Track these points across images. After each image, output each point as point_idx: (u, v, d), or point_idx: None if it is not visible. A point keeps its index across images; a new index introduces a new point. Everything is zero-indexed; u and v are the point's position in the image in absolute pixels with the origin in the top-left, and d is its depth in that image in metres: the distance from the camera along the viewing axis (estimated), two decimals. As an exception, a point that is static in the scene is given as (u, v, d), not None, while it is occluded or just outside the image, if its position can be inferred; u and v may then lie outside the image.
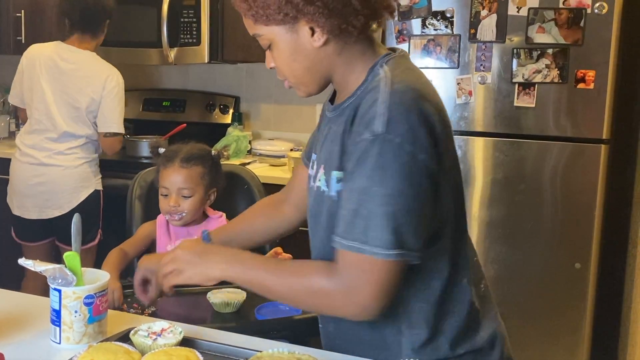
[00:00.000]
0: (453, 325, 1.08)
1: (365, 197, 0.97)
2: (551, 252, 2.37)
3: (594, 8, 2.22)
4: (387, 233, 0.96)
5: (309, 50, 1.06)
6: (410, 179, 0.96)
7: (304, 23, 1.04)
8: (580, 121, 2.29)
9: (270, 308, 1.52)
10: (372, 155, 0.97)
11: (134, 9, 3.03)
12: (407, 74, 1.05)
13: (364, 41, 1.09)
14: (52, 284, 1.13)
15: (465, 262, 1.08)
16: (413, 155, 0.96)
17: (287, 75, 1.11)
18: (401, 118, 0.97)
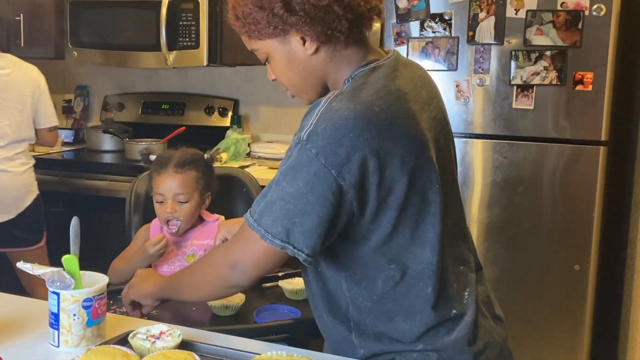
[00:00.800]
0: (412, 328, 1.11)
1: (275, 187, 1.07)
2: (550, 254, 2.37)
3: (592, 10, 2.22)
4: (279, 225, 1.05)
5: (302, 59, 1.13)
6: (315, 188, 1.03)
7: (294, 34, 1.10)
8: (579, 123, 2.29)
9: (269, 311, 1.52)
10: (291, 156, 1.06)
11: (132, 12, 3.03)
12: (360, 89, 1.06)
13: (353, 47, 1.13)
14: (50, 287, 1.13)
15: (430, 273, 1.10)
16: (324, 168, 1.02)
17: (286, 85, 1.19)
18: (324, 133, 1.03)
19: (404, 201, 1.07)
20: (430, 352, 1.11)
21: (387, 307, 1.12)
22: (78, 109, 3.57)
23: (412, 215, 1.08)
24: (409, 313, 1.11)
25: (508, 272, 2.42)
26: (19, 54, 3.20)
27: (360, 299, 1.13)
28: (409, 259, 1.10)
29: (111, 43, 3.08)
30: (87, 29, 3.12)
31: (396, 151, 1.05)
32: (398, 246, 1.09)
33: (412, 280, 1.10)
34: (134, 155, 3.06)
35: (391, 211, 1.07)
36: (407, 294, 1.11)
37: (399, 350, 1.12)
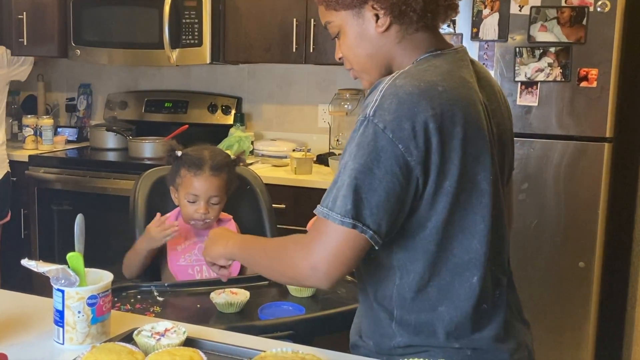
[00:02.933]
0: (452, 318, 1.11)
1: (343, 170, 1.05)
2: (555, 251, 2.36)
3: (596, 6, 2.22)
4: (349, 202, 1.03)
5: (373, 36, 1.14)
6: (382, 162, 1.02)
7: (370, 8, 1.12)
8: (584, 119, 2.29)
9: (274, 308, 1.52)
10: (357, 134, 1.05)
11: (135, 10, 3.03)
12: (425, 71, 1.09)
13: (423, 33, 1.14)
14: (55, 284, 1.13)
15: (478, 263, 1.10)
16: (391, 142, 1.02)
17: (352, 63, 1.18)
18: (390, 108, 1.03)
19: (458, 186, 1.06)
20: (466, 350, 1.12)
21: (432, 295, 1.11)
22: (81, 107, 3.58)
23: (464, 202, 1.08)
24: (453, 302, 1.11)
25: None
26: (22, 52, 3.21)
27: (407, 288, 1.12)
28: (457, 248, 1.10)
29: (114, 41, 3.08)
30: (90, 27, 3.12)
31: (456, 133, 1.05)
32: (449, 234, 1.09)
33: (459, 269, 1.10)
34: (137, 153, 3.06)
35: (446, 196, 1.06)
36: (452, 282, 1.11)
37: (435, 345, 1.12)
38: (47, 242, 3.09)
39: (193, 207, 1.76)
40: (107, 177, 2.93)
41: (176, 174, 1.81)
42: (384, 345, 1.15)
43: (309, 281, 1.10)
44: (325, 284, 1.08)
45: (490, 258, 1.14)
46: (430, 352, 1.12)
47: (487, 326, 1.13)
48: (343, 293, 1.65)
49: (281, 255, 1.14)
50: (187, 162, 1.79)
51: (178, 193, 1.81)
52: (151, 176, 1.99)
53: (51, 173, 3.03)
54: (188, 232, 1.81)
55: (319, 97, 3.17)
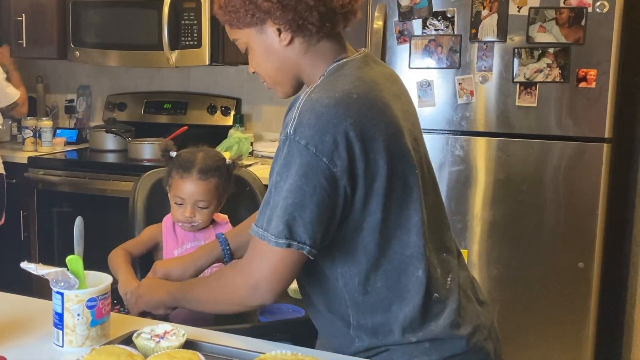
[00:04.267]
0: (406, 314, 1.13)
1: (274, 190, 1.09)
2: (554, 252, 2.36)
3: (595, 7, 2.22)
4: (281, 223, 1.06)
5: (278, 50, 1.17)
6: (309, 178, 1.05)
7: (270, 24, 1.15)
8: (582, 120, 2.29)
9: (273, 310, 1.52)
10: (283, 154, 1.08)
11: (134, 11, 3.03)
12: (338, 80, 1.12)
13: (327, 42, 1.18)
14: (54, 287, 1.13)
15: (419, 255, 1.13)
16: (315, 157, 1.05)
17: (263, 77, 1.23)
18: (309, 123, 1.06)
19: (388, 186, 1.10)
20: (424, 343, 1.14)
21: (383, 296, 1.14)
22: (80, 109, 3.58)
23: (396, 200, 1.12)
24: (404, 298, 1.13)
25: (512, 270, 2.41)
26: (21, 54, 3.21)
27: (356, 293, 1.14)
28: (397, 245, 1.13)
29: (113, 43, 3.08)
30: (89, 28, 3.12)
31: (377, 136, 1.09)
32: (387, 233, 1.12)
33: (403, 265, 1.13)
34: (136, 155, 3.06)
35: (378, 197, 1.10)
36: (399, 279, 1.13)
37: (393, 343, 1.14)
38: (46, 244, 3.09)
39: (180, 210, 1.74)
40: (106, 179, 2.93)
41: (169, 175, 1.79)
42: (344, 352, 1.17)
43: (252, 300, 1.15)
44: (268, 300, 1.14)
45: (435, 248, 1.17)
46: (390, 350, 1.14)
47: (441, 315, 1.15)
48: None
49: (222, 284, 1.20)
50: (177, 164, 1.76)
51: (169, 194, 1.79)
52: (151, 178, 1.99)
53: (50, 175, 3.03)
54: (184, 236, 1.80)
55: (318, 98, 3.17)
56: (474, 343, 1.16)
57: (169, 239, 1.79)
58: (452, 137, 2.41)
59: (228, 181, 1.81)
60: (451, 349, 1.14)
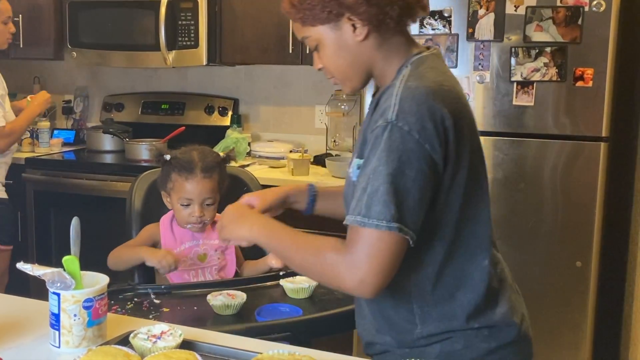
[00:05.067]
0: (470, 301, 1.16)
1: (372, 176, 1.07)
2: (552, 251, 2.36)
3: (591, 6, 2.22)
4: (389, 207, 1.05)
5: (352, 45, 1.17)
6: (413, 163, 1.06)
7: (346, 20, 1.15)
8: (580, 119, 2.29)
9: (271, 310, 1.52)
10: (383, 139, 1.08)
11: (131, 12, 3.03)
12: (427, 73, 1.14)
13: (400, 37, 1.19)
14: (50, 287, 1.13)
15: (486, 246, 1.18)
16: (418, 143, 1.06)
17: (333, 73, 1.22)
18: (411, 110, 1.07)
19: (468, 177, 1.13)
20: (483, 329, 1.17)
21: (449, 283, 1.16)
22: (78, 110, 3.57)
23: (471, 192, 1.15)
24: (469, 287, 1.16)
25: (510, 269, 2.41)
26: (18, 55, 3.20)
27: (426, 281, 1.16)
28: (468, 235, 1.16)
29: (110, 43, 3.08)
30: (86, 29, 3.12)
31: (465, 128, 1.12)
32: (461, 224, 1.15)
33: (470, 254, 1.16)
34: (134, 156, 3.06)
35: (459, 188, 1.13)
36: (467, 268, 1.16)
37: (456, 329, 1.17)
38: (43, 245, 3.08)
39: (187, 211, 1.75)
40: (103, 180, 2.93)
41: (167, 179, 1.79)
42: (404, 339, 1.19)
43: (354, 292, 1.12)
44: (371, 295, 1.09)
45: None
46: (452, 338, 1.17)
47: (497, 303, 1.19)
48: (340, 294, 1.65)
49: (322, 262, 1.13)
50: (177, 166, 1.77)
51: (170, 197, 1.79)
52: (148, 178, 1.99)
53: (48, 176, 3.03)
54: (182, 235, 1.80)
55: (315, 98, 3.17)
56: (523, 331, 1.22)
57: (167, 238, 1.79)
58: (450, 136, 2.41)
59: (225, 175, 1.84)
60: (506, 336, 1.19)
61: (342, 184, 1.34)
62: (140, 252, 1.73)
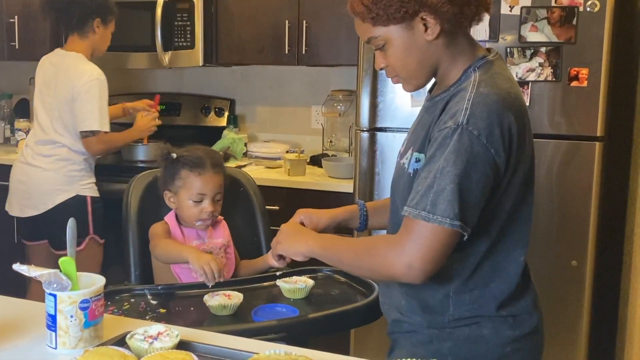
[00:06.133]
0: (503, 291, 1.23)
1: (439, 175, 1.12)
2: (548, 250, 2.37)
3: (586, 6, 2.23)
4: (455, 206, 1.11)
5: (422, 44, 1.20)
6: (479, 167, 1.12)
7: (419, 20, 1.18)
8: (575, 119, 2.30)
9: (267, 310, 1.52)
10: (452, 141, 1.12)
11: (127, 13, 3.03)
12: (496, 79, 1.19)
13: (464, 38, 1.24)
14: (47, 288, 1.13)
15: (524, 243, 1.26)
16: (485, 148, 1.12)
17: (399, 71, 1.25)
18: (482, 115, 1.13)
19: (522, 180, 1.20)
20: (509, 317, 1.24)
21: (486, 272, 1.22)
22: (74, 111, 3.56)
23: (522, 193, 1.22)
24: (503, 278, 1.23)
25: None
26: (13, 56, 3.20)
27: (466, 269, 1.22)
28: (511, 231, 1.23)
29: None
30: (82, 30, 3.11)
31: (526, 135, 1.19)
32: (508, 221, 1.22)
33: (509, 249, 1.23)
34: (130, 156, 3.05)
35: (514, 190, 1.19)
36: (504, 261, 1.23)
37: (485, 315, 1.23)
38: (40, 246, 3.07)
39: (199, 207, 1.76)
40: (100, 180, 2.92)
41: (175, 177, 1.79)
42: (435, 320, 1.25)
43: (404, 278, 1.17)
44: (421, 280, 1.15)
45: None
46: (480, 323, 1.23)
47: (524, 295, 1.26)
48: (336, 294, 1.65)
49: (373, 255, 1.21)
50: (187, 163, 1.78)
51: (177, 196, 1.79)
52: (144, 179, 1.99)
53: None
54: (189, 235, 1.80)
55: (311, 99, 3.18)
56: (541, 323, 1.29)
57: (176, 237, 1.80)
58: (446, 136, 2.41)
59: (226, 172, 1.87)
60: (529, 325, 1.25)
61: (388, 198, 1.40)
62: (184, 252, 1.66)
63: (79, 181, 2.60)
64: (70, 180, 2.58)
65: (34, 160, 2.60)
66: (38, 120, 2.63)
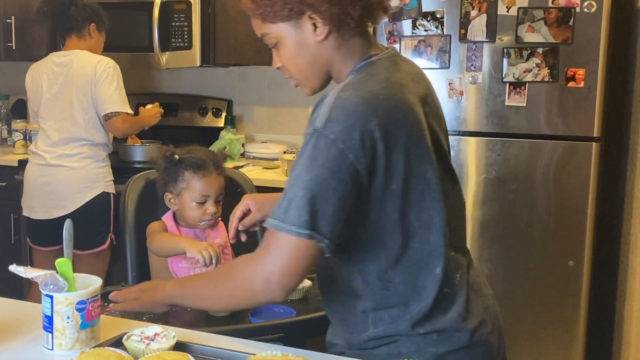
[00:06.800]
0: (420, 308, 1.15)
1: (294, 182, 1.08)
2: (544, 251, 2.38)
3: (582, 7, 2.23)
4: (303, 214, 1.05)
5: (312, 45, 1.16)
6: (335, 172, 1.06)
7: (307, 18, 1.14)
8: (571, 119, 2.30)
9: (265, 311, 1.52)
10: (308, 146, 1.08)
11: (125, 13, 3.03)
12: (365, 80, 1.13)
13: (358, 39, 1.18)
14: (43, 290, 1.13)
15: (439, 254, 1.15)
16: (342, 153, 1.06)
17: (292, 72, 1.21)
18: (339, 119, 1.07)
19: (405, 186, 1.11)
20: (431, 334, 1.16)
21: (401, 291, 1.15)
22: (71, 111, 3.56)
23: (416, 200, 1.13)
24: (420, 295, 1.15)
25: (502, 269, 2.43)
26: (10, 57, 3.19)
27: (375, 288, 1.16)
28: (417, 243, 1.14)
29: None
30: (79, 30, 3.10)
31: (399, 137, 1.10)
32: (407, 232, 1.13)
33: (422, 262, 1.15)
34: (127, 157, 3.05)
35: (395, 197, 1.11)
36: (418, 276, 1.15)
37: (403, 333, 1.16)
38: (37, 247, 3.07)
39: (202, 209, 1.76)
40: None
41: (177, 179, 1.77)
42: (355, 340, 1.19)
43: (263, 296, 1.12)
44: (280, 296, 1.11)
45: (450, 246, 1.18)
46: (399, 341, 1.16)
47: (450, 308, 1.17)
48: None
49: (229, 277, 1.16)
50: (190, 165, 1.77)
51: (179, 198, 1.78)
52: (141, 180, 1.98)
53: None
54: (187, 235, 1.80)
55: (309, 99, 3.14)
56: (477, 337, 1.18)
57: None
58: (443, 137, 2.42)
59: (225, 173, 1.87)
60: (457, 341, 1.17)
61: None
62: (180, 242, 1.68)
63: (104, 178, 2.63)
64: (97, 178, 2.60)
65: (57, 160, 2.58)
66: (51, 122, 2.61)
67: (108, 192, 2.62)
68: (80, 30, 2.63)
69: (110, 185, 2.64)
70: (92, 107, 2.58)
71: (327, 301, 1.26)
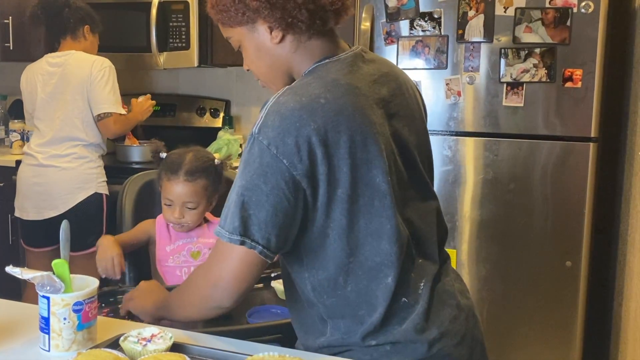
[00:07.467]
0: (371, 320, 1.13)
1: (232, 188, 1.10)
2: (542, 251, 2.38)
3: (580, 7, 2.24)
4: (235, 220, 1.07)
5: (269, 48, 1.17)
6: (268, 178, 1.05)
7: (261, 22, 1.15)
8: (569, 120, 2.30)
9: (262, 311, 1.52)
10: (245, 152, 1.09)
11: (122, 14, 3.03)
12: (308, 84, 1.11)
13: (317, 40, 1.17)
14: (40, 291, 1.12)
15: (390, 263, 1.12)
16: (276, 159, 1.05)
17: (256, 74, 1.23)
18: (273, 124, 1.06)
19: (352, 193, 1.09)
20: (385, 345, 1.13)
21: (352, 300, 1.13)
22: (69, 112, 3.55)
23: (364, 207, 1.10)
24: (372, 304, 1.13)
25: (500, 269, 2.43)
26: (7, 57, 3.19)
27: (325, 296, 1.15)
28: (367, 251, 1.12)
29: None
30: (76, 31, 3.10)
31: (342, 143, 1.07)
32: (355, 239, 1.11)
33: (373, 271, 1.12)
34: (125, 157, 3.05)
35: (342, 203, 1.09)
36: (369, 285, 1.12)
37: (352, 344, 1.14)
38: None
39: (169, 211, 1.76)
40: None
41: (159, 177, 1.81)
42: (310, 346, 1.19)
43: (211, 301, 1.14)
44: (227, 302, 1.13)
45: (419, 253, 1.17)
46: (352, 350, 1.15)
47: (407, 319, 1.14)
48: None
49: (190, 286, 1.22)
50: (165, 166, 1.79)
51: (161, 195, 1.81)
52: (138, 180, 1.99)
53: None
54: (177, 233, 1.80)
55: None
56: (438, 349, 1.15)
57: (162, 235, 1.80)
58: (440, 137, 2.42)
59: (217, 181, 1.81)
60: (412, 353, 1.13)
61: None
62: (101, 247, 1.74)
63: (97, 179, 2.62)
64: (89, 178, 2.59)
65: (49, 160, 2.58)
66: (46, 122, 2.60)
67: (101, 193, 2.61)
68: (75, 32, 2.64)
69: (103, 186, 2.63)
70: (88, 107, 2.57)
71: (288, 305, 1.26)
